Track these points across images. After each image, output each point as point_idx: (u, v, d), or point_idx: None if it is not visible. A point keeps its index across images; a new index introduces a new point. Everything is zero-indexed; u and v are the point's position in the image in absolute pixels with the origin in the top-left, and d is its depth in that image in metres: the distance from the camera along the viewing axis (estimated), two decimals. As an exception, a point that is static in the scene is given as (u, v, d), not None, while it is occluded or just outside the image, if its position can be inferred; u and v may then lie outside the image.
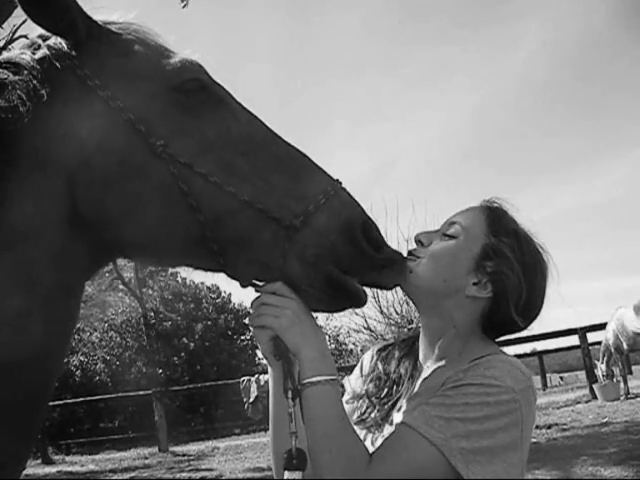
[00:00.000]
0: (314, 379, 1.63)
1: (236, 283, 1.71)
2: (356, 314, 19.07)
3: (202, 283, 35.91)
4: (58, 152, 1.58)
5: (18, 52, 1.66)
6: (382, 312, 19.09)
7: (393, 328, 19.26)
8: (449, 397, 1.68)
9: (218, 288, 36.17)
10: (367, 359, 2.14)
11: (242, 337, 36.10)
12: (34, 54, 1.64)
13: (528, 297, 1.83)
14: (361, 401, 2.01)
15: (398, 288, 1.81)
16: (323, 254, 1.59)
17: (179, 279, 36.91)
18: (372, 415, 1.95)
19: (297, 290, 1.64)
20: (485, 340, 1.89)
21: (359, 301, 1.65)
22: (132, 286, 27.58)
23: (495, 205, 1.96)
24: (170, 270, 36.53)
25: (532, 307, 1.88)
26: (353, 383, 2.11)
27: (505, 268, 1.82)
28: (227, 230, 1.61)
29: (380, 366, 2.05)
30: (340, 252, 1.60)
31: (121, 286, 31.31)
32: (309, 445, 1.64)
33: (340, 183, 1.68)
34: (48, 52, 1.63)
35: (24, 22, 10.91)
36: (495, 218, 1.91)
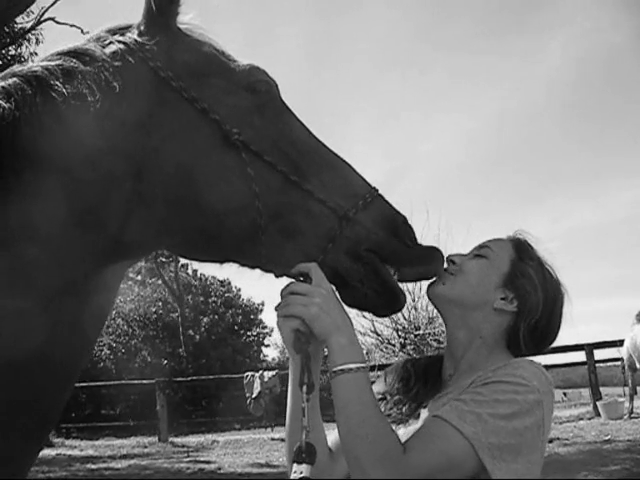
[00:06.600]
0: (345, 366, 1.64)
1: (250, 277, 1.80)
2: (364, 317, 19.09)
3: (213, 277, 36.08)
4: (117, 142, 1.60)
5: (88, 44, 1.71)
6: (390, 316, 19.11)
7: (400, 333, 19.28)
8: (480, 394, 1.73)
9: (230, 283, 36.35)
10: (393, 367, 2.19)
11: (248, 333, 36.20)
12: (104, 48, 1.69)
13: (547, 322, 1.96)
14: (389, 397, 2.06)
15: (408, 295, 1.86)
16: (373, 249, 1.71)
17: (190, 271, 37.01)
18: (402, 410, 2.00)
19: (346, 285, 1.71)
20: (508, 354, 1.97)
21: (399, 301, 1.75)
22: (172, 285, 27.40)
23: (521, 237, 2.11)
24: (182, 261, 36.76)
25: (549, 332, 2.00)
26: (379, 384, 2.15)
27: (530, 288, 1.95)
28: (284, 218, 1.68)
29: (409, 368, 2.11)
30: (387, 246, 1.72)
31: (131, 274, 31.44)
32: (342, 434, 1.65)
33: (377, 190, 1.80)
34: (121, 46, 1.69)
35: (53, 4, 11.00)
36: (522, 246, 2.07)
